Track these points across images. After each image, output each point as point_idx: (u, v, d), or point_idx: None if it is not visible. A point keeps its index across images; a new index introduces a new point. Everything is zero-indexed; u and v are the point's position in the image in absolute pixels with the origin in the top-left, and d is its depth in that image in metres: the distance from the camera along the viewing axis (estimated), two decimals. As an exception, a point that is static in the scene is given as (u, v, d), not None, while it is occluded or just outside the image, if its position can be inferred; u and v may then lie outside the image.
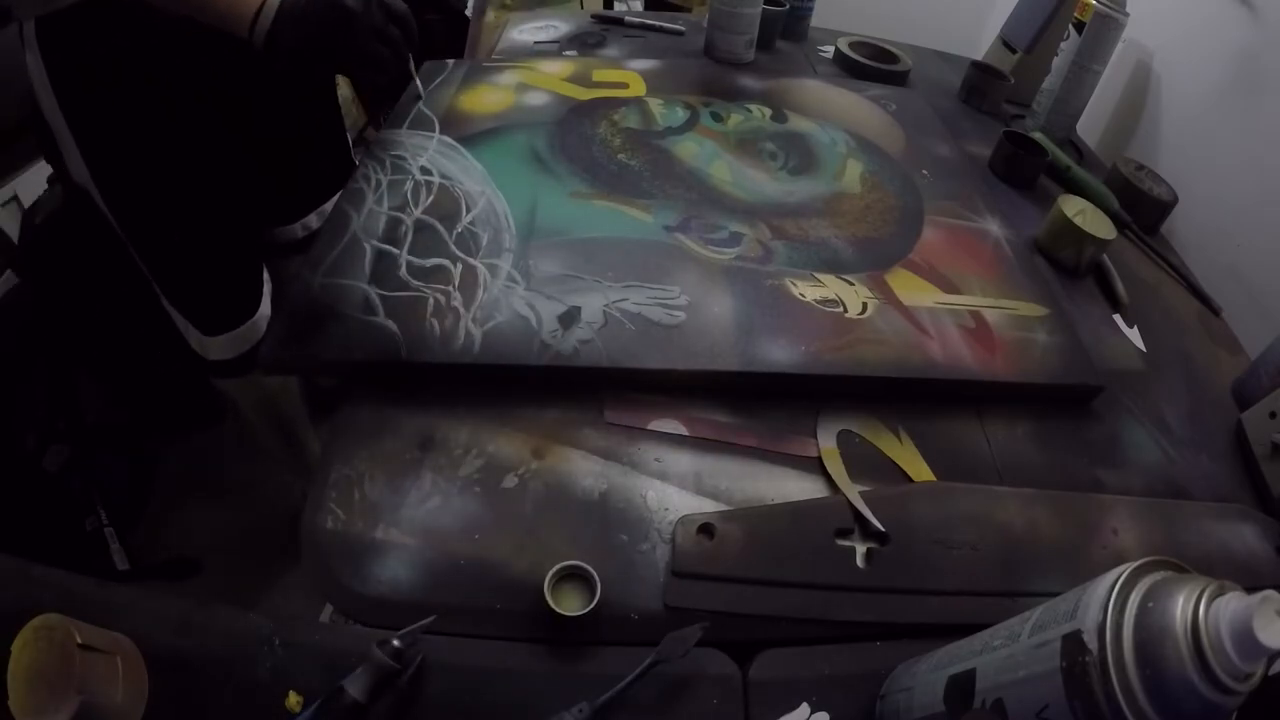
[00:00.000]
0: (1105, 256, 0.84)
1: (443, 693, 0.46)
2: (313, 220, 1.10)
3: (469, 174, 0.79)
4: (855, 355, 0.65)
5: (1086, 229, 0.81)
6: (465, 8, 1.72)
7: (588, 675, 0.47)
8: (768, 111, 0.96)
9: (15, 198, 1.19)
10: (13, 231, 1.12)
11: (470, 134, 0.84)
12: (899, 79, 1.15)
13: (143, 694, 0.44)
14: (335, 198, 1.10)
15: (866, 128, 0.97)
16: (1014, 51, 1.19)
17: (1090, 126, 1.17)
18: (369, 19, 0.65)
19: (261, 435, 1.08)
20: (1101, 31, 1.00)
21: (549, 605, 0.48)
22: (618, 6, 1.81)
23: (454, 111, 0.88)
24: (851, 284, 0.72)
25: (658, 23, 1.20)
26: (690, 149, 0.87)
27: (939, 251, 0.79)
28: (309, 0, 0.63)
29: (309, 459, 1.09)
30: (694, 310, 0.67)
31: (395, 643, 0.44)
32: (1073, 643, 0.32)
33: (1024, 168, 0.96)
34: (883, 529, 0.56)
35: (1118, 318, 0.80)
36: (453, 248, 0.70)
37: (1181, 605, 0.30)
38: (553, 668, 0.48)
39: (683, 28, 1.20)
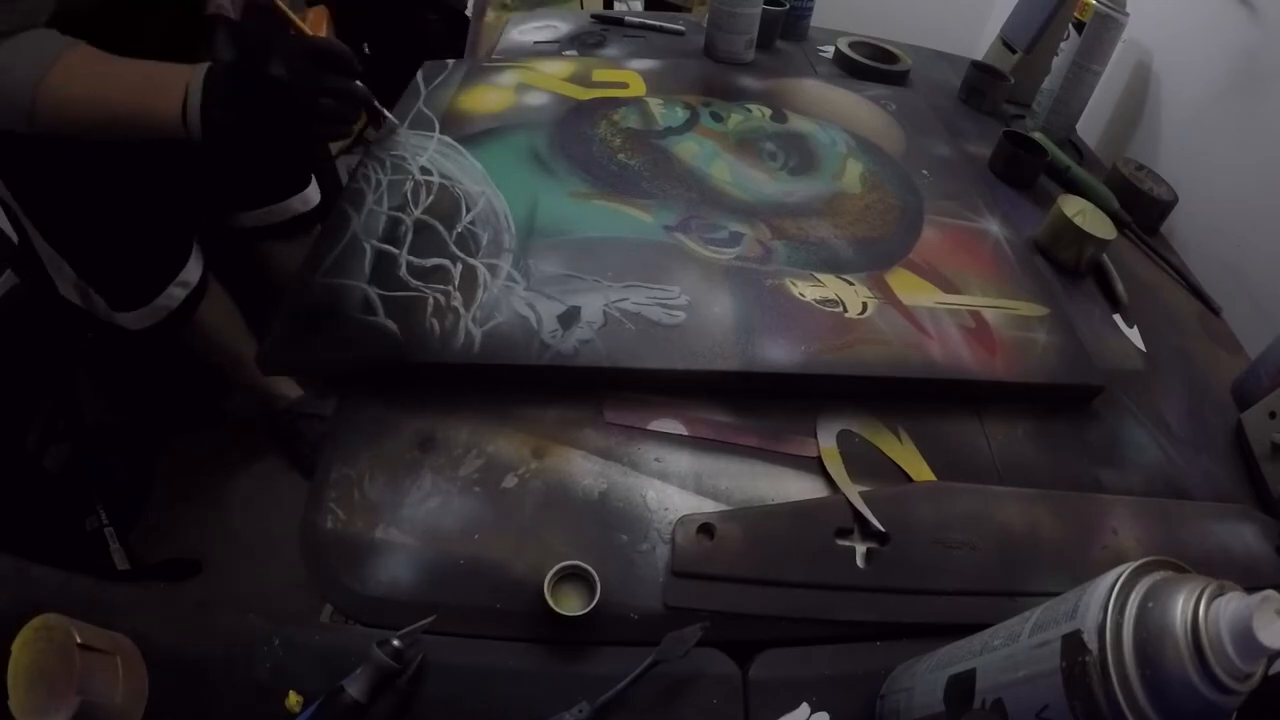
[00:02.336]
0: (1105, 256, 0.84)
1: (443, 693, 0.46)
2: (295, 205, 1.09)
3: (469, 174, 0.79)
4: (855, 355, 0.65)
5: (1086, 229, 0.81)
6: (465, 8, 1.72)
7: (588, 675, 0.47)
8: (768, 111, 0.96)
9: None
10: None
11: (470, 134, 0.84)
12: (899, 79, 1.15)
13: (143, 694, 0.44)
14: (299, 194, 1.10)
15: (866, 128, 0.97)
16: (1014, 51, 1.19)
17: (1090, 126, 1.17)
18: (304, 84, 0.60)
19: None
20: (1101, 31, 1.00)
21: (549, 605, 0.48)
22: (618, 6, 1.81)
23: (454, 111, 0.88)
24: (851, 284, 0.72)
25: (658, 23, 1.20)
26: (690, 149, 0.87)
27: (939, 251, 0.79)
28: (239, 84, 0.60)
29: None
30: (694, 310, 0.67)
31: (395, 643, 0.44)
32: (1073, 643, 0.32)
33: (1024, 168, 0.96)
34: (883, 529, 0.56)
35: (1118, 318, 0.80)
36: (453, 248, 0.70)
37: (1181, 605, 0.30)
38: (553, 668, 0.48)
39: (683, 28, 1.20)
